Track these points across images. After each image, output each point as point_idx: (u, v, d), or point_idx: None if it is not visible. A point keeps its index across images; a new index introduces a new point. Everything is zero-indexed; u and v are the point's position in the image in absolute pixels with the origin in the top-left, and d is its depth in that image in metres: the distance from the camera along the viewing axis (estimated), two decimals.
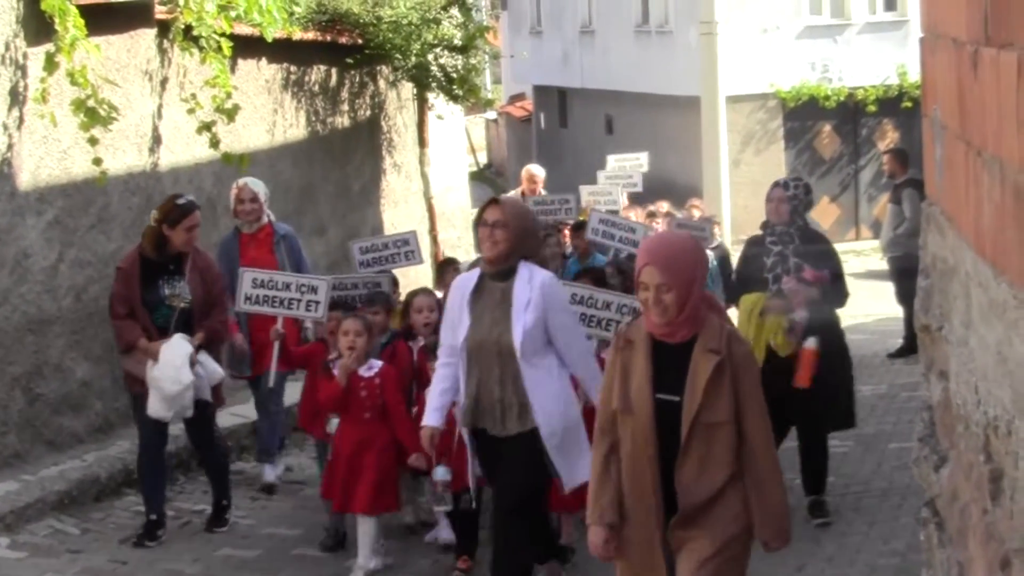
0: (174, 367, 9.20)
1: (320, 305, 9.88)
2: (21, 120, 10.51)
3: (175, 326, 9.41)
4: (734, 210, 27.54)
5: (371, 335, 9.03)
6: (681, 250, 5.79)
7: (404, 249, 11.63)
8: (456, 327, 7.57)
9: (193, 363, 9.31)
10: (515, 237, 7.49)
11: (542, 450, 7.44)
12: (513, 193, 17.32)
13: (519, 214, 7.71)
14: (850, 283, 9.77)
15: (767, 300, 9.27)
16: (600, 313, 8.89)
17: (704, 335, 5.67)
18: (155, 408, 9.30)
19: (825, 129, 29.01)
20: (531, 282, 7.48)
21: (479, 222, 7.71)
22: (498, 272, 7.56)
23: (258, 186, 11.14)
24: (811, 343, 9.04)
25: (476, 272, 7.80)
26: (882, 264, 16.95)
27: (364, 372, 8.88)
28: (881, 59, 28.11)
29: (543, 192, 16.63)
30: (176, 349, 9.27)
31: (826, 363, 9.19)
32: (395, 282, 11.50)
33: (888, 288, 16.31)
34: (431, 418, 7.65)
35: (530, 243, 7.70)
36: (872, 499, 10.17)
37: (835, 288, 9.33)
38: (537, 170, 17.45)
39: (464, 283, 7.73)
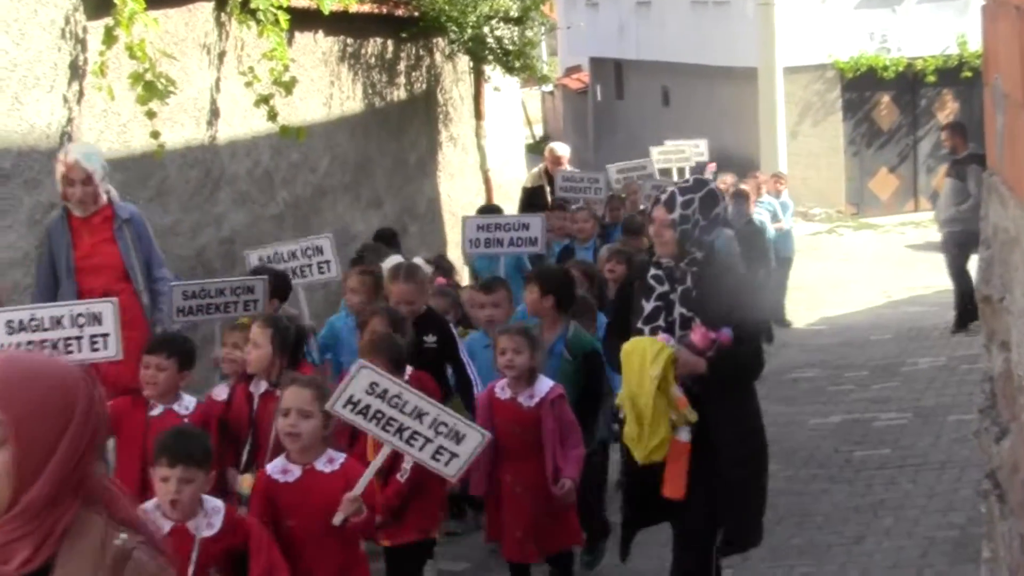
0: None
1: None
2: (81, 94, 10.57)
3: None
4: (792, 182, 27.35)
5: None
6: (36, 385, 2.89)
7: (316, 260, 10.34)
8: None
9: None
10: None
11: None
12: (537, 170, 17.30)
13: None
14: (907, 255, 9.38)
15: (677, 349, 6.39)
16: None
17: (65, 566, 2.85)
18: None
19: (884, 100, 28.74)
20: None
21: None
22: None
23: (92, 161, 8.88)
24: (683, 434, 6.40)
25: None
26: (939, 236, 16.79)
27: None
28: (940, 28, 27.79)
29: (569, 167, 16.55)
30: None
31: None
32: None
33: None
34: None
35: None
36: (930, 471, 10.12)
37: (734, 359, 6.49)
38: (561, 149, 17.27)
39: None
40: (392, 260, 9.29)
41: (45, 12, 10.25)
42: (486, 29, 18.13)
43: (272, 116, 12.37)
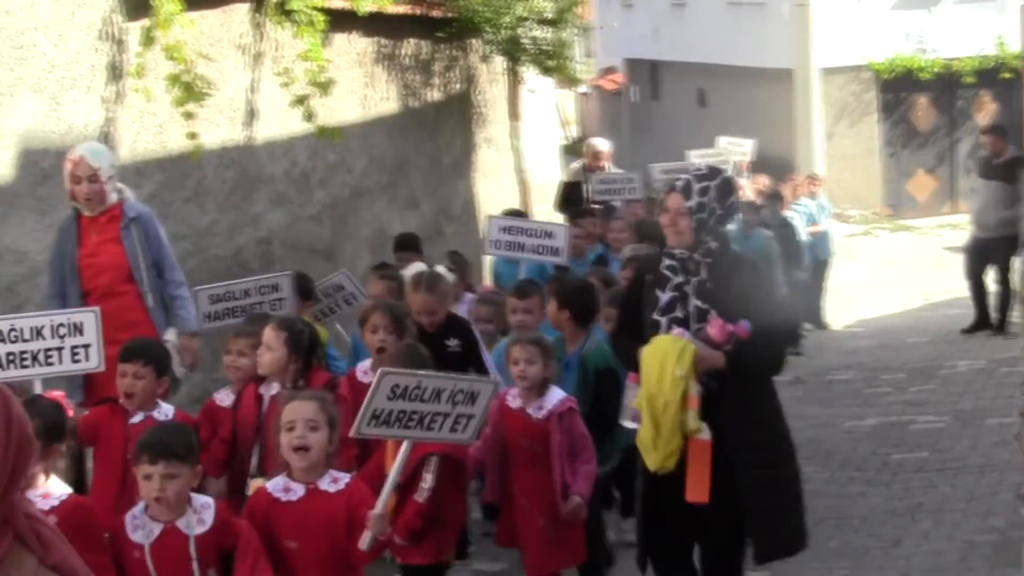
0: None
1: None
2: (119, 95, 10.62)
3: None
4: (828, 184, 27.24)
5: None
6: None
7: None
8: None
9: None
10: None
11: None
12: (575, 166, 17.07)
13: None
14: (945, 257, 9.28)
15: (694, 343, 6.16)
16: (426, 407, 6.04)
17: None
18: None
19: (921, 101, 28.62)
20: None
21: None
22: None
23: (100, 158, 8.68)
24: (704, 432, 6.16)
25: None
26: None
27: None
28: (978, 29, 27.62)
29: (609, 166, 16.30)
30: None
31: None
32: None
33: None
34: None
35: None
36: (969, 475, 10.06)
37: (753, 351, 6.20)
38: (601, 144, 16.67)
39: None
40: (414, 268, 9.15)
41: (83, 14, 10.30)
42: (521, 30, 18.11)
43: (309, 117, 12.39)
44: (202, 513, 5.55)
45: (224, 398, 7.60)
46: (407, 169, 16.20)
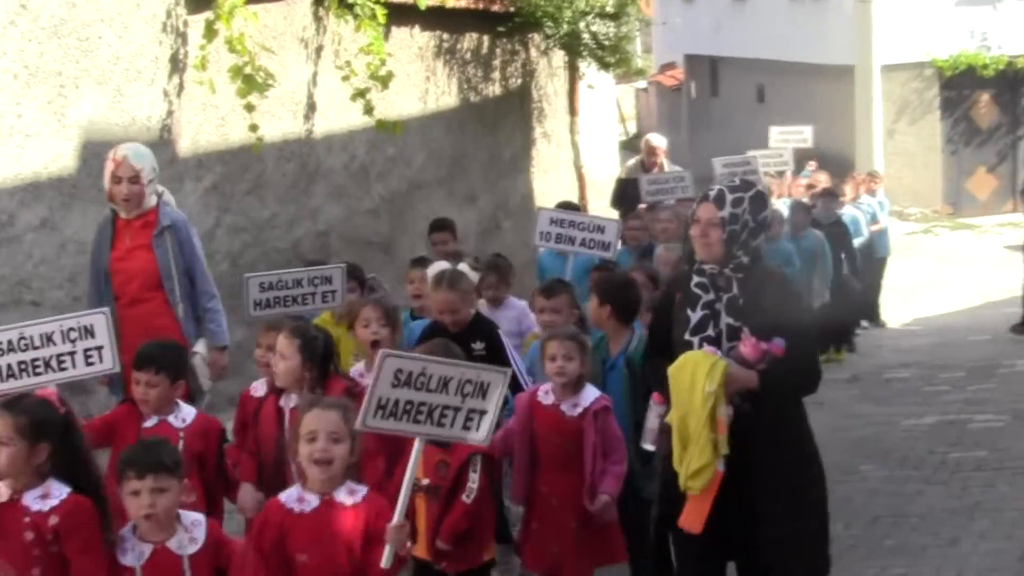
0: None
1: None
2: (181, 87, 10.71)
3: None
4: (888, 181, 27.07)
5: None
6: None
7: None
8: None
9: None
10: None
11: None
12: (632, 163, 16.99)
13: None
14: (1006, 256, 9.21)
15: (727, 362, 5.88)
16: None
17: None
18: None
19: (983, 98, 28.39)
20: None
21: None
22: None
23: (143, 160, 8.49)
24: (718, 464, 5.85)
25: None
26: None
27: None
28: None
29: (666, 163, 16.14)
30: None
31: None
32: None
33: None
34: None
35: None
36: None
37: (788, 369, 5.89)
38: (657, 140, 16.49)
39: None
40: (437, 267, 8.84)
41: (147, 6, 10.40)
42: (582, 24, 18.10)
43: (368, 110, 12.44)
44: (193, 531, 5.33)
45: (259, 387, 7.38)
46: (465, 163, 16.24)
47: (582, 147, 20.07)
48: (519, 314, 9.40)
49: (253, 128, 11.10)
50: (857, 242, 16.18)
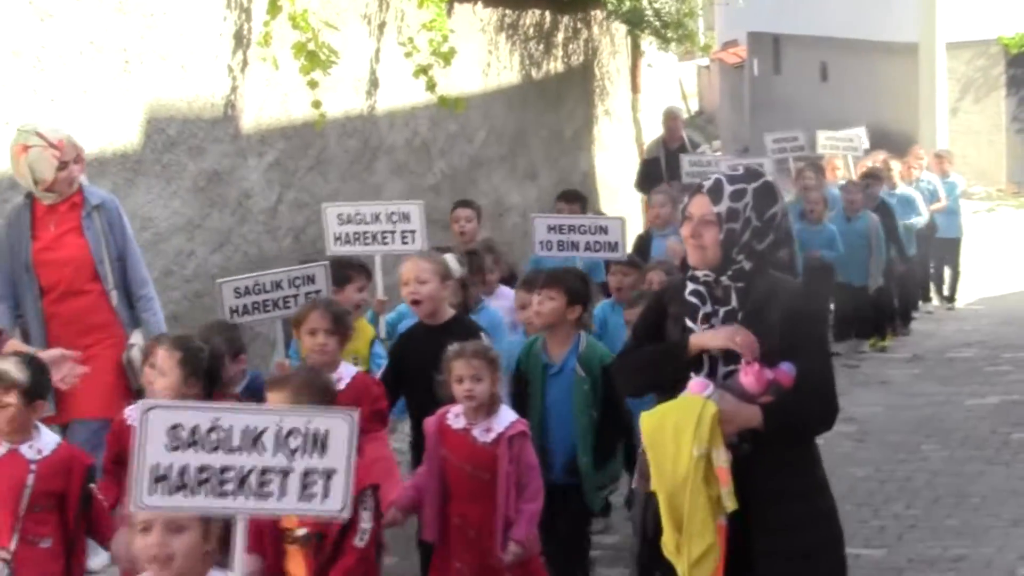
0: None
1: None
2: (245, 63, 10.75)
3: None
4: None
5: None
6: None
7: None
8: None
9: None
10: None
11: None
12: (654, 141, 17.01)
13: None
14: None
15: (720, 397, 4.74)
16: None
17: None
18: None
19: None
20: None
21: None
22: None
23: (71, 136, 7.78)
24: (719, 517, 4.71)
25: None
26: None
27: None
28: None
29: (684, 136, 16.35)
30: None
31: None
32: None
33: None
34: None
35: None
36: None
37: (798, 402, 4.76)
38: (677, 110, 16.93)
39: None
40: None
41: None
42: (645, 0, 18.07)
43: (431, 87, 12.46)
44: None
45: (134, 413, 5.92)
46: (527, 140, 16.23)
47: (644, 124, 20.04)
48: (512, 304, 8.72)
49: (316, 104, 11.14)
50: (916, 221, 15.96)
